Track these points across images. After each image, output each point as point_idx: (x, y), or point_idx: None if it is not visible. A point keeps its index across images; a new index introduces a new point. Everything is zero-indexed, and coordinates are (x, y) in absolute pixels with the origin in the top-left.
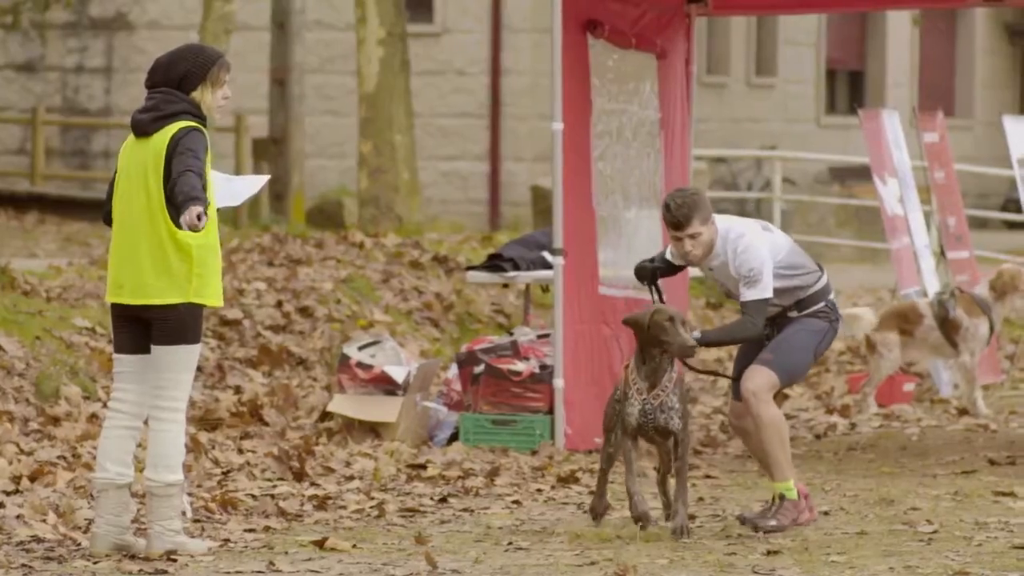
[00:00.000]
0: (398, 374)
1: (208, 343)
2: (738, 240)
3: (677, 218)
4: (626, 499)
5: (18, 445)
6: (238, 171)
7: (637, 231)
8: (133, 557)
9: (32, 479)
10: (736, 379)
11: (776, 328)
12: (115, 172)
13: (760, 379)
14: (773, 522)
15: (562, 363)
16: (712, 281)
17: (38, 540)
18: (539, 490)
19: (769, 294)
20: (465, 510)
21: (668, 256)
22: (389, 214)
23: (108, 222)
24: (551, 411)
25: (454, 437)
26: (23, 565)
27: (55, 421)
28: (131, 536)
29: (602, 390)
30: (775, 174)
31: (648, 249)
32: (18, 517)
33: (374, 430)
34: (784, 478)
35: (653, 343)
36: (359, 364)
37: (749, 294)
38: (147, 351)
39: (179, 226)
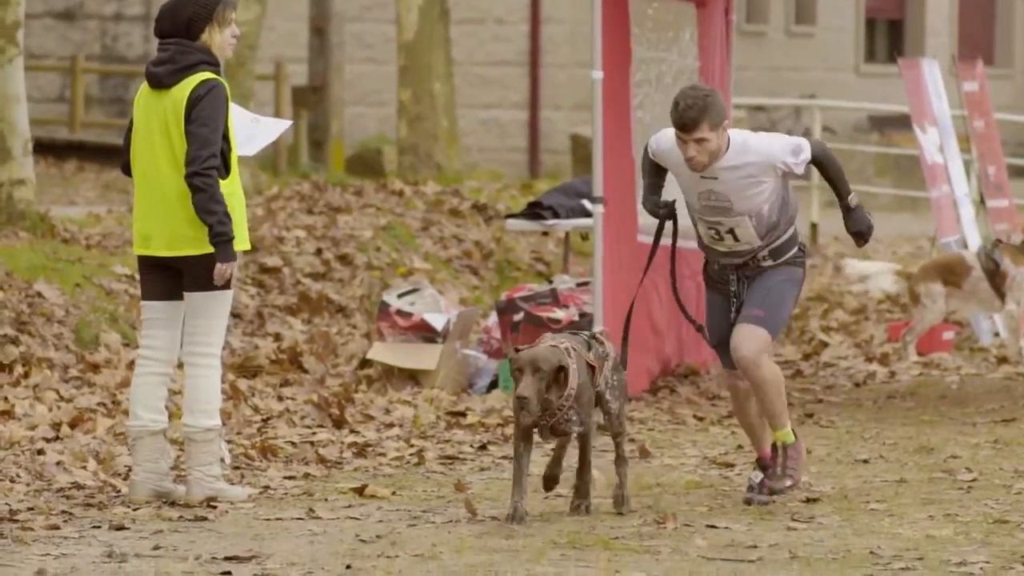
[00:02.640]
0: (437, 322)
1: (247, 291)
2: (757, 137)
3: (684, 120)
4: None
5: (58, 392)
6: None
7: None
8: (173, 504)
9: (72, 426)
10: (700, 329)
11: (745, 278)
12: (130, 122)
13: (756, 343)
14: (788, 481)
15: (602, 311)
16: (697, 204)
17: (78, 487)
18: None
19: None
20: (504, 458)
21: (652, 154)
22: (428, 162)
23: (127, 172)
24: None
25: (493, 385)
26: (63, 511)
27: (95, 368)
28: (170, 483)
29: (641, 338)
30: (814, 123)
31: None
32: (58, 464)
33: (413, 378)
34: (783, 425)
35: None
36: (399, 312)
37: (804, 155)
38: (176, 297)
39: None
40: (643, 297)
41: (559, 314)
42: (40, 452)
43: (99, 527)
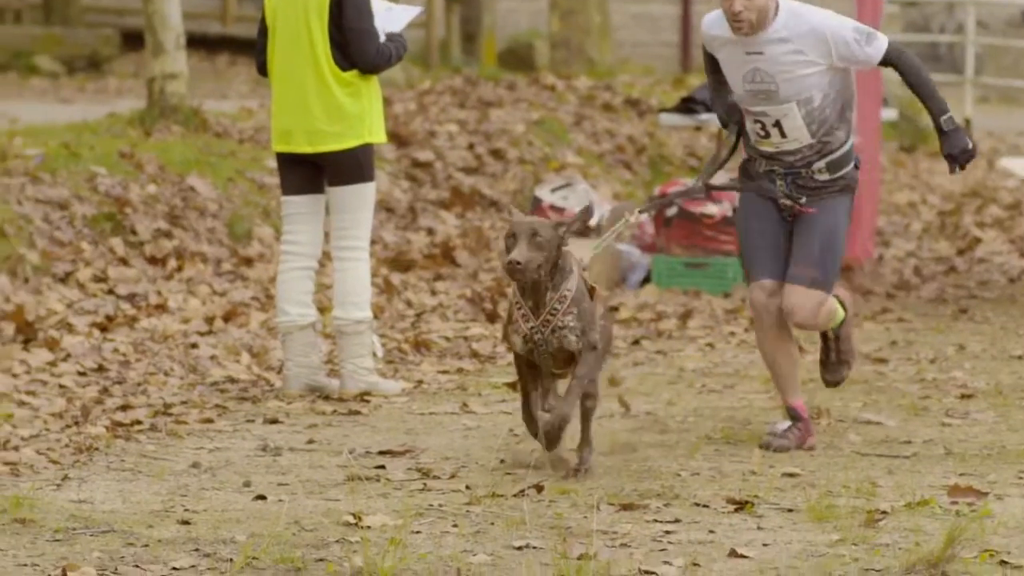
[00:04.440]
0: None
1: (400, 185)
2: (812, 9)
3: None
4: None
5: (211, 286)
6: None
7: None
8: (327, 398)
9: (225, 320)
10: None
11: (798, 189)
12: (262, 19)
13: (813, 305)
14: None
15: None
16: (743, 92)
17: (232, 380)
18: (732, 333)
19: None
20: (658, 352)
21: (705, 43)
22: (580, 56)
23: (263, 72)
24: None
25: (647, 279)
26: (217, 405)
27: (247, 262)
28: (324, 377)
29: None
30: (968, 17)
31: None
32: (212, 358)
33: None
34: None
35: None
36: (551, 206)
37: (876, 46)
38: (317, 191)
39: (346, 70)
40: None
41: (712, 209)
42: (194, 346)
43: (253, 421)
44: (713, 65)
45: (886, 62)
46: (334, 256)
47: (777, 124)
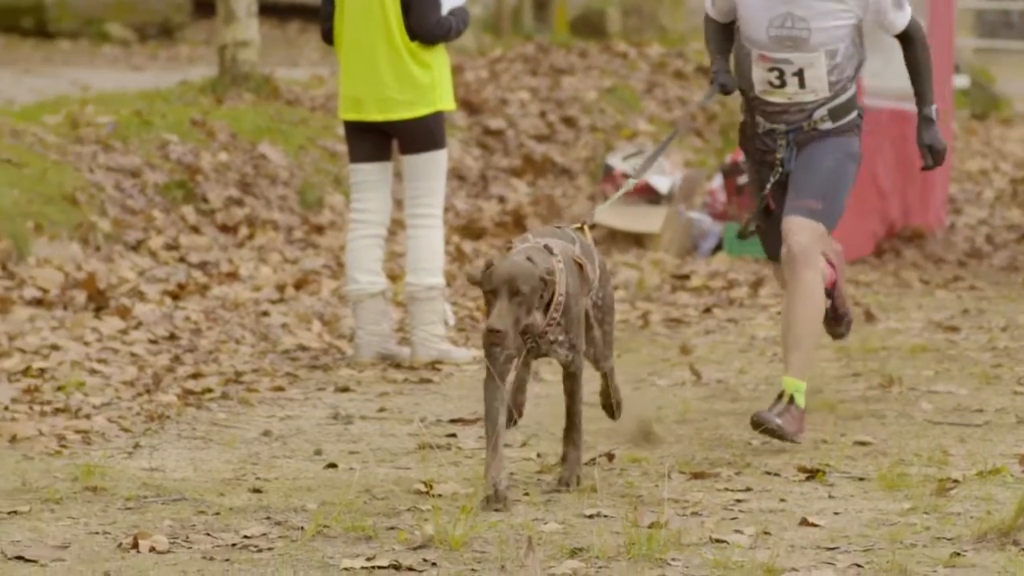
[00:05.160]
0: (662, 184)
1: (472, 153)
2: None
3: None
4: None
5: (282, 254)
6: None
7: None
8: (398, 366)
9: (296, 288)
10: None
11: (796, 145)
12: None
13: (810, 235)
14: (779, 420)
15: None
16: (765, 36)
17: (303, 348)
18: None
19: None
20: (729, 320)
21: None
22: (652, 24)
23: (328, 39)
24: None
25: (718, 247)
26: (288, 373)
27: (319, 230)
28: (395, 345)
29: (864, 201)
30: None
31: None
32: (283, 326)
33: (638, 240)
34: (799, 373)
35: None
36: (623, 174)
37: (903, 15)
38: (385, 159)
39: (415, 39)
40: (867, 160)
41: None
42: (265, 314)
43: (324, 389)
44: (720, 29)
45: (905, 34)
46: (408, 223)
47: (799, 73)
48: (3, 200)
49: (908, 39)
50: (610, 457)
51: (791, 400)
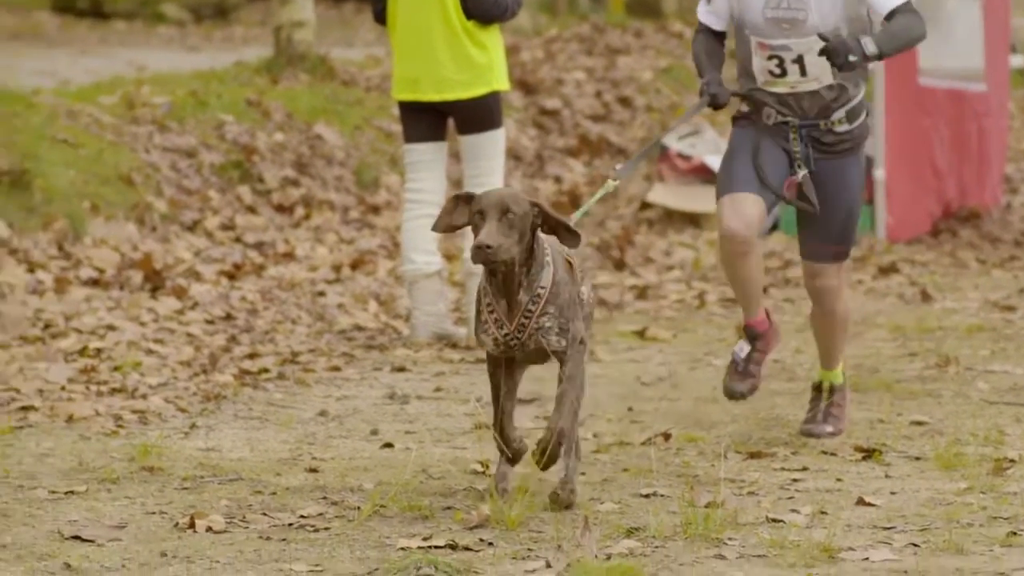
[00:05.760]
0: (718, 164)
1: (527, 133)
2: None
3: None
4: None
5: (338, 234)
6: None
7: (956, 20)
8: (454, 346)
9: (353, 268)
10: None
11: (811, 144)
12: None
13: (838, 277)
14: (829, 428)
15: (883, 154)
16: (761, 19)
17: (359, 328)
18: (859, 281)
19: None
20: (786, 300)
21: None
22: None
23: (381, 20)
24: (871, 201)
25: (774, 227)
26: (344, 353)
27: (375, 210)
28: (451, 325)
29: (923, 181)
30: None
31: (968, 41)
32: (339, 306)
33: (693, 220)
34: (836, 364)
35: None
36: (679, 154)
37: None
38: (440, 139)
39: (471, 18)
40: (924, 139)
41: None
42: (321, 294)
43: (380, 369)
44: (712, 43)
45: (893, 13)
46: None
47: (799, 60)
48: (60, 180)
49: (902, 13)
50: (666, 437)
51: (831, 390)
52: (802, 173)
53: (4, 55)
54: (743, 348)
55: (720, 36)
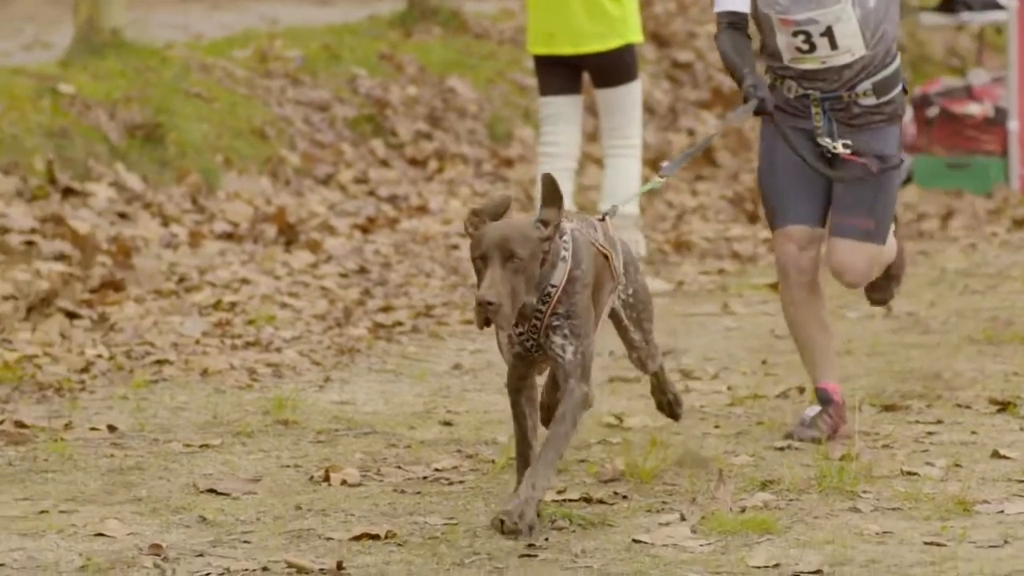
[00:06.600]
0: None
1: (661, 86)
2: None
3: None
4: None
5: (472, 187)
6: None
7: None
8: None
9: None
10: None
11: (838, 121)
12: None
13: (868, 262)
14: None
15: (1017, 106)
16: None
17: None
18: (994, 233)
19: None
20: (920, 253)
21: None
22: None
23: None
24: (1005, 154)
25: (908, 180)
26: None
27: (508, 163)
28: None
29: None
30: None
31: None
32: None
33: None
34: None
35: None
36: None
37: None
38: (575, 92)
39: None
40: None
41: (974, 109)
42: (455, 247)
43: None
44: (739, 35)
45: None
46: (606, 153)
47: (828, 32)
48: (193, 135)
49: None
50: (801, 390)
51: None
52: (842, 143)
53: (137, 9)
54: (811, 411)
55: (743, 28)
